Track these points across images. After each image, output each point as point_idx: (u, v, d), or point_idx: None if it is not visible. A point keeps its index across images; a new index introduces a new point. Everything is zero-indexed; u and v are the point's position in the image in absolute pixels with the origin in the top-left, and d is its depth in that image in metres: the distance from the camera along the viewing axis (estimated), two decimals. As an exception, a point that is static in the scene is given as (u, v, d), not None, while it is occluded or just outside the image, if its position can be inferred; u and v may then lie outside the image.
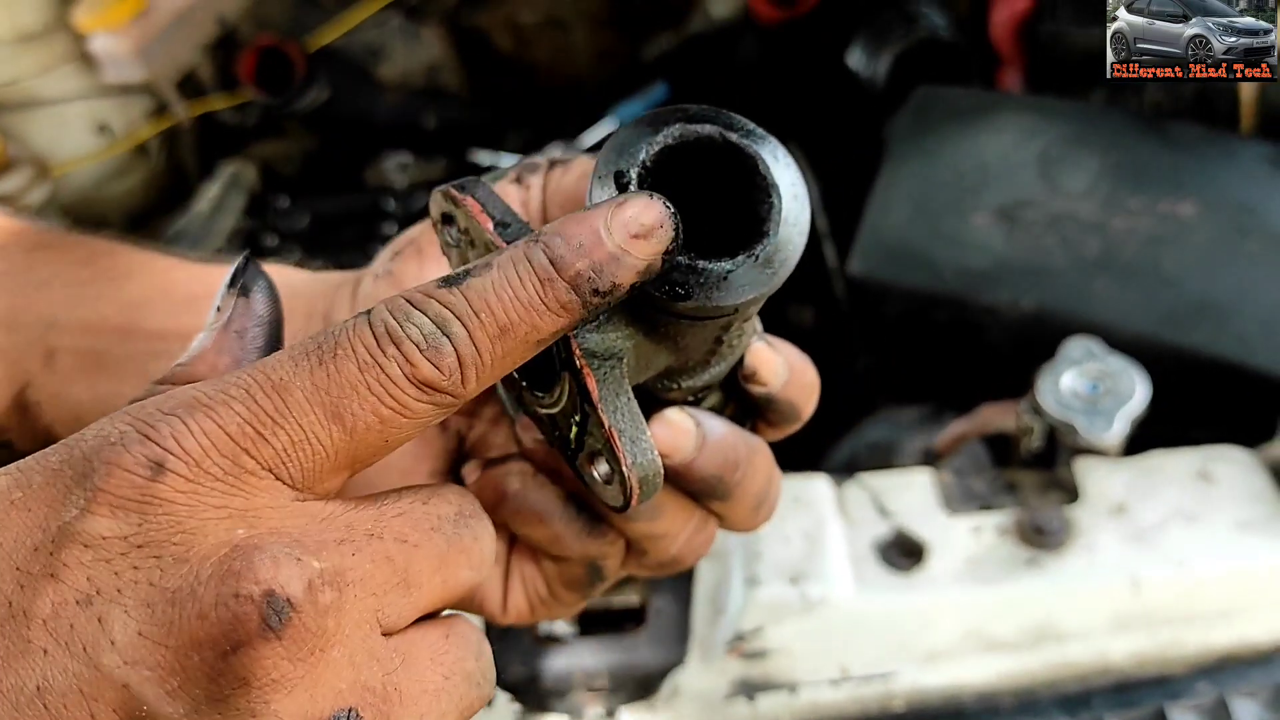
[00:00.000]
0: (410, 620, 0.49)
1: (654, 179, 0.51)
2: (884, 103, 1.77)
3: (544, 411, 0.58)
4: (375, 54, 2.23)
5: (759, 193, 0.52)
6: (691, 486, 0.63)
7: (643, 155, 0.51)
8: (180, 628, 0.42)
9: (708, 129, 0.52)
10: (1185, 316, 1.31)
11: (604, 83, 2.16)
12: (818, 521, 1.15)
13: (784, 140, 0.55)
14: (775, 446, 0.75)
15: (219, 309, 0.55)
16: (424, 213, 0.63)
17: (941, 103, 1.58)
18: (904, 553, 1.13)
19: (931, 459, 1.32)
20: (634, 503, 0.54)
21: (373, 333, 0.46)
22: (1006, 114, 1.53)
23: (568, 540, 0.64)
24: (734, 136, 0.52)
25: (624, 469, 0.53)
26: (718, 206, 0.54)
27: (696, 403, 0.62)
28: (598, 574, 0.67)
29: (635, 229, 0.48)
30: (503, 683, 1.05)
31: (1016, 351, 1.42)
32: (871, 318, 1.50)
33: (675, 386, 0.60)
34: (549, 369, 0.56)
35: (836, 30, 2.00)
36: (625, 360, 0.54)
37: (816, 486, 1.19)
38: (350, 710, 0.45)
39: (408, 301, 0.47)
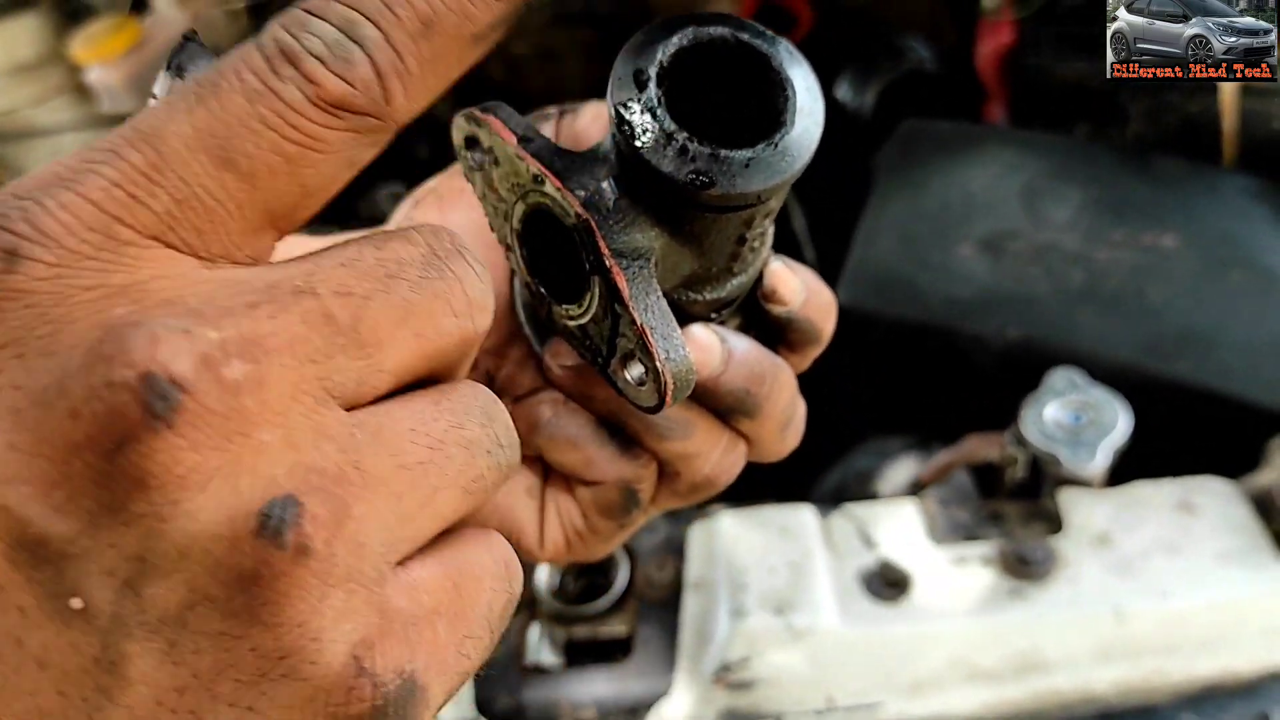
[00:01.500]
0: (383, 387, 0.41)
1: (671, 78, 0.53)
2: (871, 134, 1.78)
3: (574, 324, 0.59)
4: (370, 85, 2.24)
5: (773, 88, 0.53)
6: (720, 403, 0.62)
7: (660, 55, 0.52)
8: (53, 431, 0.35)
9: (720, 30, 0.53)
10: (1169, 346, 1.33)
11: (596, 113, 2.18)
12: (803, 552, 1.15)
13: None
14: (764, 475, 0.76)
15: (154, 95, 0.46)
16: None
17: (927, 135, 1.60)
18: (889, 583, 1.13)
19: (918, 489, 1.32)
20: (669, 400, 0.54)
21: (262, 55, 0.39)
22: (991, 146, 1.55)
23: (601, 463, 0.64)
24: (745, 36, 0.54)
25: (658, 363, 0.53)
26: (734, 103, 0.56)
27: (721, 323, 0.63)
28: (633, 498, 0.66)
29: None
30: (489, 714, 1.06)
31: (1003, 380, 1.43)
32: (859, 347, 1.51)
33: (699, 298, 0.60)
34: (578, 278, 0.57)
35: (824, 62, 2.03)
36: (652, 260, 0.55)
37: (802, 517, 1.19)
38: (287, 496, 0.37)
39: (305, 10, 0.40)
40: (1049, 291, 1.39)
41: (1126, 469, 1.19)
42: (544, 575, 1.17)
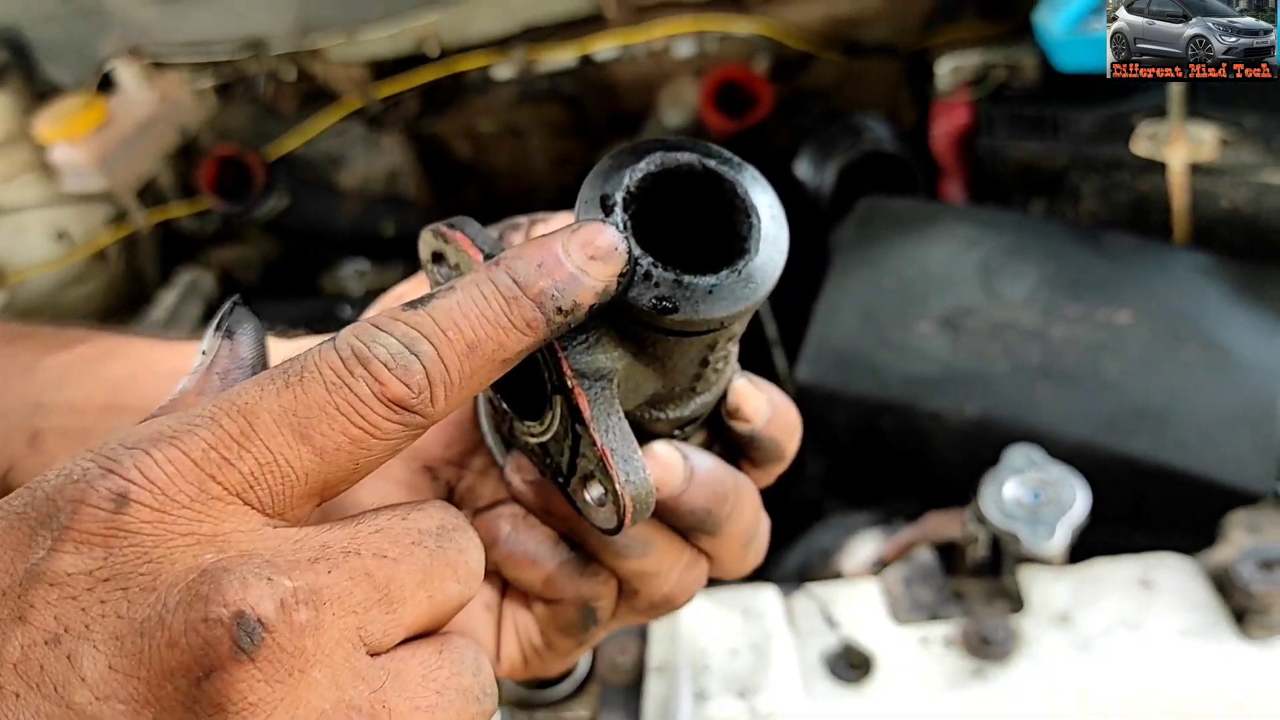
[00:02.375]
0: (398, 638, 0.48)
1: (637, 203, 0.53)
2: (831, 212, 1.81)
3: (535, 441, 0.59)
4: (336, 161, 2.27)
5: (739, 214, 0.54)
6: (681, 521, 0.63)
7: (626, 180, 0.53)
8: (151, 658, 0.42)
9: (687, 156, 0.54)
10: (1125, 422, 1.34)
11: (562, 189, 2.21)
12: (766, 633, 1.15)
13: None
14: None
15: (204, 352, 0.56)
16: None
17: (885, 212, 1.62)
18: (852, 664, 1.12)
19: (880, 567, 1.32)
20: (628, 521, 0.55)
21: (339, 355, 0.47)
22: (948, 224, 1.57)
23: (560, 581, 0.64)
24: (712, 163, 0.54)
25: (617, 485, 0.54)
26: (700, 229, 0.56)
27: (684, 440, 0.63)
28: (591, 616, 0.66)
29: (592, 251, 0.50)
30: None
31: (963, 457, 1.44)
32: (820, 424, 1.51)
33: (662, 417, 0.60)
34: (539, 396, 0.57)
35: (785, 141, 2.06)
36: (615, 381, 0.55)
37: (765, 597, 1.19)
38: None
39: (374, 325, 0.48)
40: (1007, 369, 1.40)
41: (1086, 544, 1.20)
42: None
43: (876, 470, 1.53)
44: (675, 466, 0.61)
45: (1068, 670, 1.09)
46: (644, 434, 0.60)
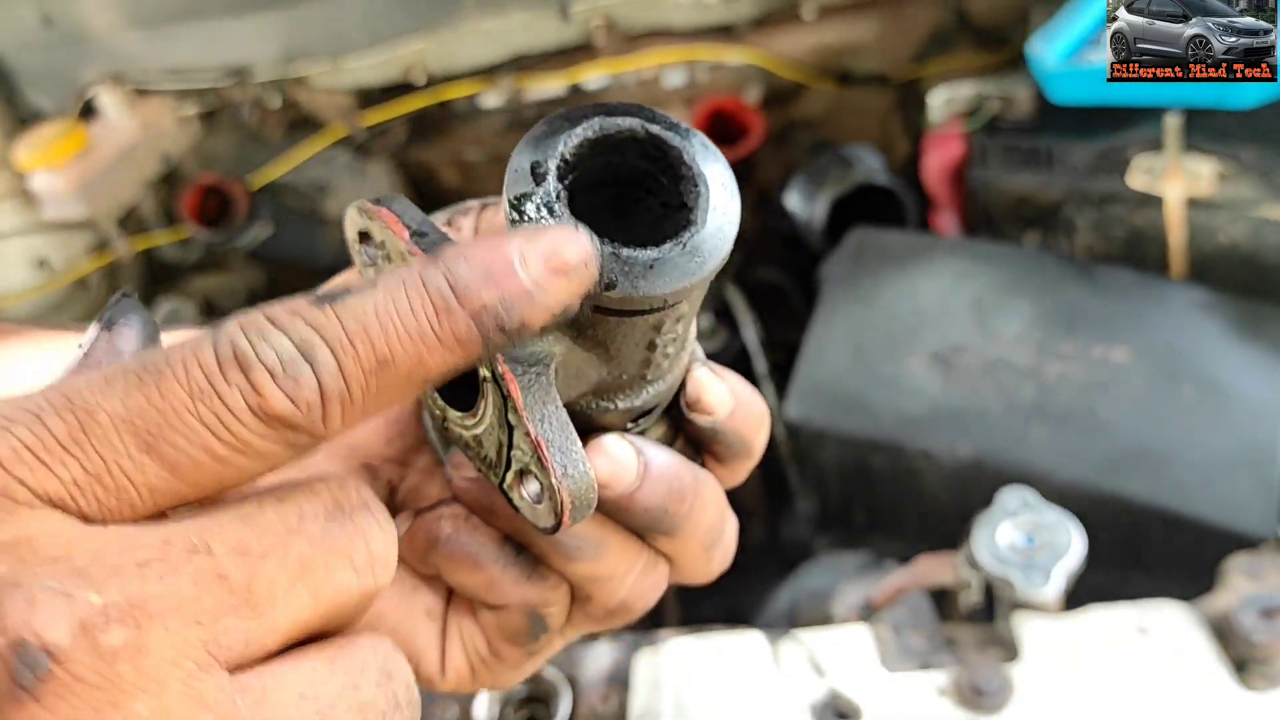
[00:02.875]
0: (270, 647, 0.40)
1: (574, 172, 0.49)
2: (822, 244, 1.79)
3: (469, 434, 0.55)
4: (322, 189, 2.24)
5: (685, 183, 0.50)
6: (636, 521, 0.58)
7: (561, 148, 0.49)
8: None
9: (629, 121, 0.50)
10: (1121, 464, 1.31)
11: (550, 218, 2.18)
12: (752, 682, 1.11)
13: (725, 279, 0.53)
14: (720, 592, 0.71)
15: (80, 345, 0.47)
16: None
17: (876, 245, 1.60)
18: (840, 714, 1.09)
19: (870, 611, 1.29)
20: (566, 520, 0.50)
21: (215, 353, 0.39)
22: (940, 257, 1.55)
23: (505, 586, 0.59)
24: (656, 128, 0.50)
25: (553, 480, 0.49)
26: (643, 200, 0.52)
27: (641, 433, 0.59)
28: (540, 624, 0.61)
29: (556, 263, 0.42)
30: None
31: (955, 497, 1.41)
32: (810, 462, 1.48)
33: (612, 407, 0.56)
34: (471, 384, 0.53)
35: (777, 172, 2.04)
36: (552, 367, 0.51)
37: (751, 643, 1.15)
38: None
39: (267, 318, 0.40)
40: (1000, 407, 1.37)
41: (1082, 587, 1.17)
42: (483, 707, 1.12)
43: (867, 509, 1.50)
44: (627, 461, 0.55)
45: (1063, 723, 1.05)
46: (593, 427, 0.56)
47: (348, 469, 0.63)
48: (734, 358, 1.73)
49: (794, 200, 1.86)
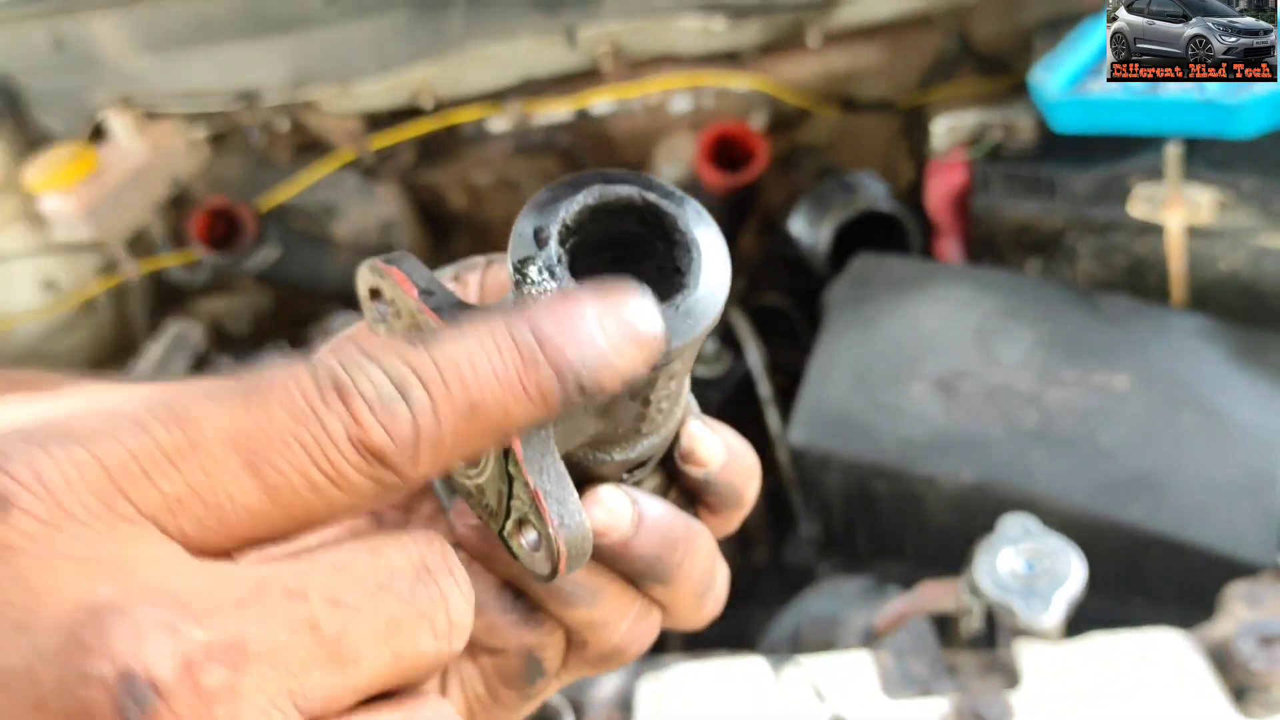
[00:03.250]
0: (347, 703, 0.39)
1: (574, 236, 0.51)
2: (827, 269, 1.80)
3: (471, 483, 0.56)
4: (330, 212, 2.26)
5: (679, 249, 0.52)
6: (630, 568, 0.59)
7: (563, 213, 0.50)
8: (13, 718, 0.33)
9: (627, 189, 0.52)
10: (1122, 490, 1.31)
11: (556, 241, 2.20)
12: (755, 707, 1.12)
13: (730, 303, 0.55)
14: (724, 616, 0.72)
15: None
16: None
17: (879, 271, 1.61)
18: (842, 741, 1.09)
19: (872, 637, 1.29)
20: (562, 568, 0.51)
21: (315, 380, 0.38)
22: (943, 284, 1.56)
23: (503, 630, 0.60)
24: (652, 196, 0.52)
25: (550, 530, 0.51)
26: (639, 264, 0.54)
27: (636, 484, 0.61)
28: (537, 668, 0.62)
29: (632, 334, 0.43)
30: None
31: (958, 522, 1.42)
32: (813, 486, 1.49)
33: (608, 459, 0.57)
34: None
35: (781, 197, 2.05)
36: (551, 422, 0.52)
37: (754, 668, 1.16)
38: None
39: (363, 351, 0.40)
40: (1002, 433, 1.38)
41: (1082, 613, 1.17)
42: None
43: (870, 534, 1.50)
44: (622, 511, 0.56)
45: (1065, 752, 1.06)
46: (590, 477, 0.58)
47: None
48: (738, 382, 1.74)
49: (798, 226, 1.88)
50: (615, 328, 0.42)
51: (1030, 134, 1.60)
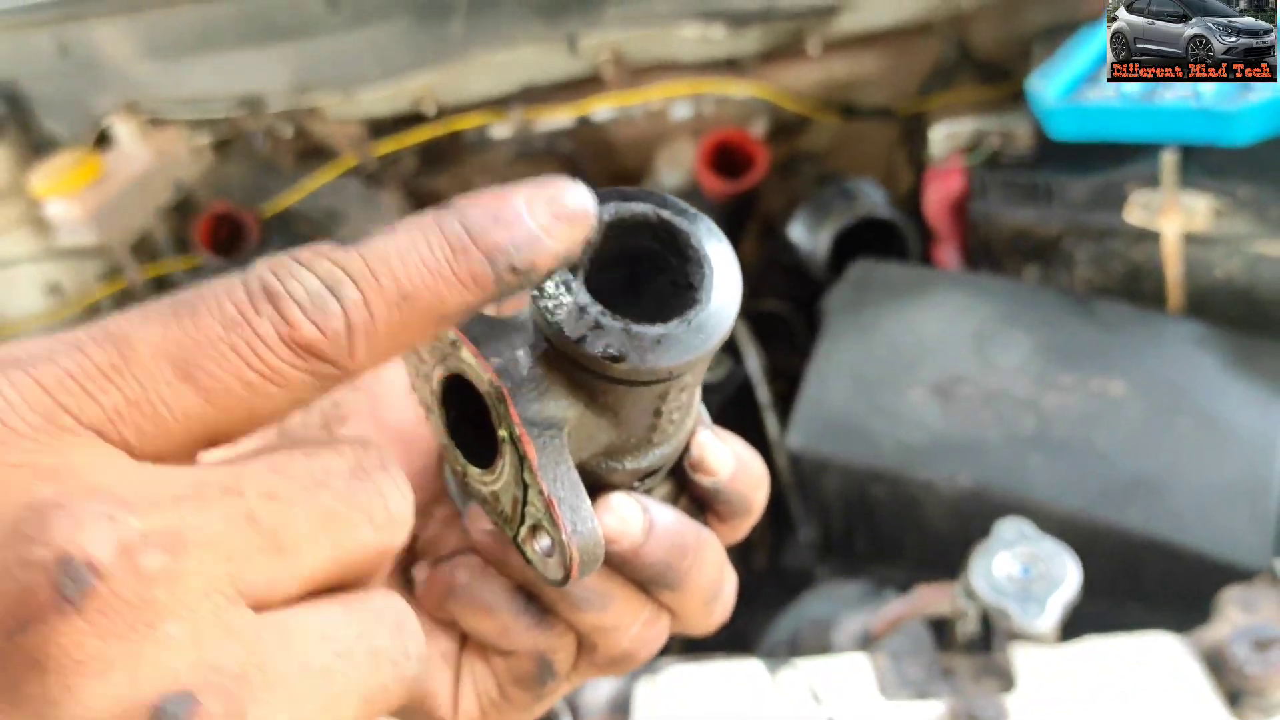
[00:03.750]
0: (293, 591, 0.42)
1: (590, 252, 0.52)
2: (826, 275, 1.81)
3: (487, 490, 0.58)
4: (333, 217, 2.27)
5: (692, 265, 0.53)
6: (640, 574, 0.60)
7: None
8: None
9: (643, 206, 0.53)
10: (1118, 494, 1.32)
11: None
12: (753, 709, 1.13)
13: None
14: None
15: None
16: None
17: (877, 277, 1.62)
18: (838, 743, 1.10)
19: (869, 640, 1.30)
20: (574, 574, 0.53)
21: (245, 288, 0.40)
22: (941, 290, 1.57)
23: (516, 632, 0.62)
24: (667, 214, 0.53)
25: (563, 536, 0.52)
26: (654, 279, 0.56)
27: (647, 492, 0.62)
28: (549, 670, 0.64)
29: (558, 209, 0.45)
30: None
31: (955, 526, 1.42)
32: (812, 490, 1.50)
33: (619, 468, 0.59)
34: (491, 445, 0.56)
35: (781, 204, 2.06)
36: (565, 430, 0.54)
37: (751, 671, 1.17)
38: (184, 693, 0.37)
39: (294, 259, 0.42)
40: (999, 438, 1.39)
41: (1078, 616, 1.18)
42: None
43: (868, 538, 1.51)
44: (633, 519, 0.58)
45: (1059, 755, 1.06)
46: (602, 485, 0.59)
47: None
48: (737, 387, 1.75)
49: (798, 232, 1.89)
50: (543, 208, 0.44)
51: (1028, 141, 1.61)
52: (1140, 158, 1.51)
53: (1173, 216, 1.48)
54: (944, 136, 1.70)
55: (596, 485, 0.57)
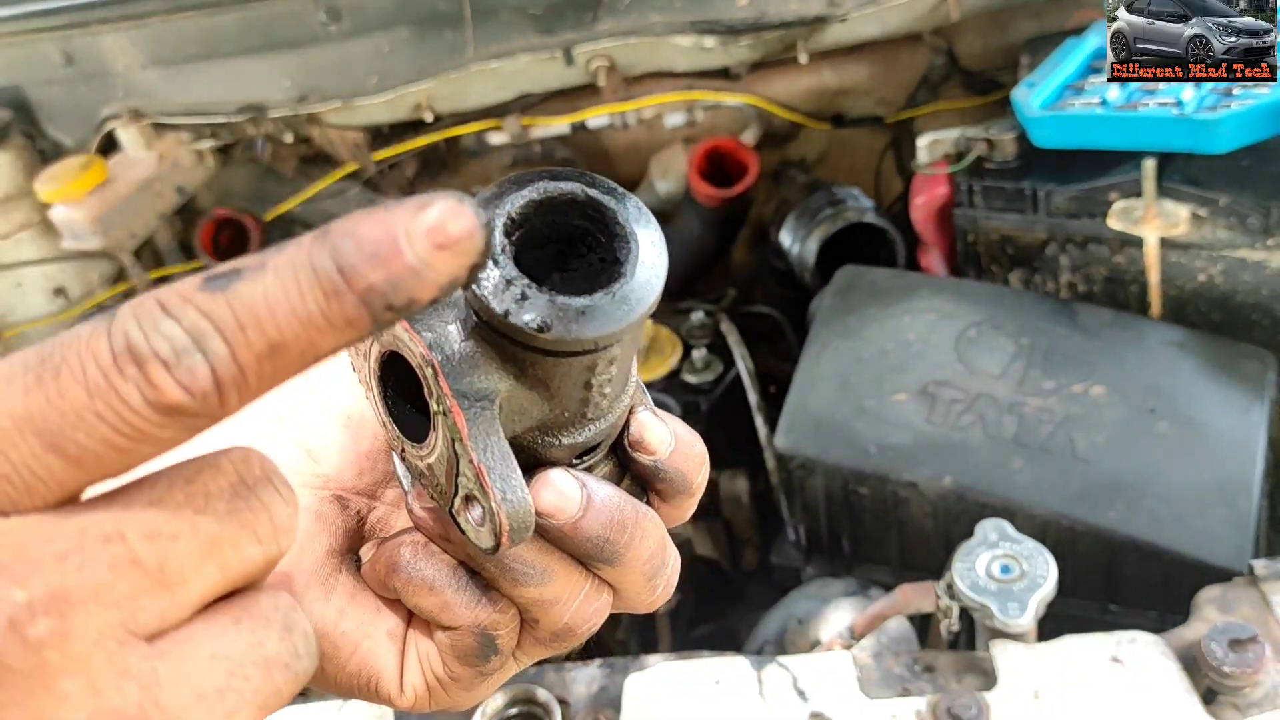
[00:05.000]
0: (185, 617, 0.43)
1: (520, 229, 0.54)
2: (815, 280, 1.83)
3: (423, 464, 0.60)
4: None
5: (619, 240, 0.55)
6: (579, 549, 0.62)
7: (509, 207, 0.54)
8: None
9: (570, 185, 0.55)
10: (1098, 496, 1.35)
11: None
12: (737, 705, 1.15)
13: (722, 309, 0.58)
14: (715, 617, 0.75)
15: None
16: None
17: (864, 282, 1.65)
18: (821, 738, 1.13)
19: (853, 638, 1.33)
20: (505, 541, 0.55)
21: (110, 346, 0.39)
22: (926, 295, 1.59)
23: (457, 608, 0.63)
24: (594, 192, 0.55)
25: (493, 504, 0.54)
26: (583, 256, 0.58)
27: (588, 470, 0.64)
28: (491, 645, 0.65)
29: (440, 238, 0.40)
30: None
31: (938, 527, 1.45)
32: (799, 491, 1.53)
33: (556, 443, 0.61)
34: (426, 420, 0.58)
35: (773, 210, 2.09)
36: (496, 403, 0.56)
37: (737, 668, 1.19)
38: None
39: (160, 305, 0.39)
40: (982, 440, 1.41)
41: (1058, 616, 1.20)
42: (477, 726, 1.16)
43: (853, 537, 1.54)
44: (570, 493, 0.60)
45: (1036, 749, 1.09)
46: (541, 461, 0.61)
47: (320, 500, 0.68)
48: (727, 389, 1.78)
49: (787, 237, 1.91)
50: (423, 239, 0.40)
51: (1012, 149, 1.64)
52: (1122, 165, 1.54)
53: (1153, 223, 1.50)
54: (930, 144, 1.73)
55: (535, 462, 0.59)
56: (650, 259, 0.55)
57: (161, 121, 2.11)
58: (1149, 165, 1.48)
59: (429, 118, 2.09)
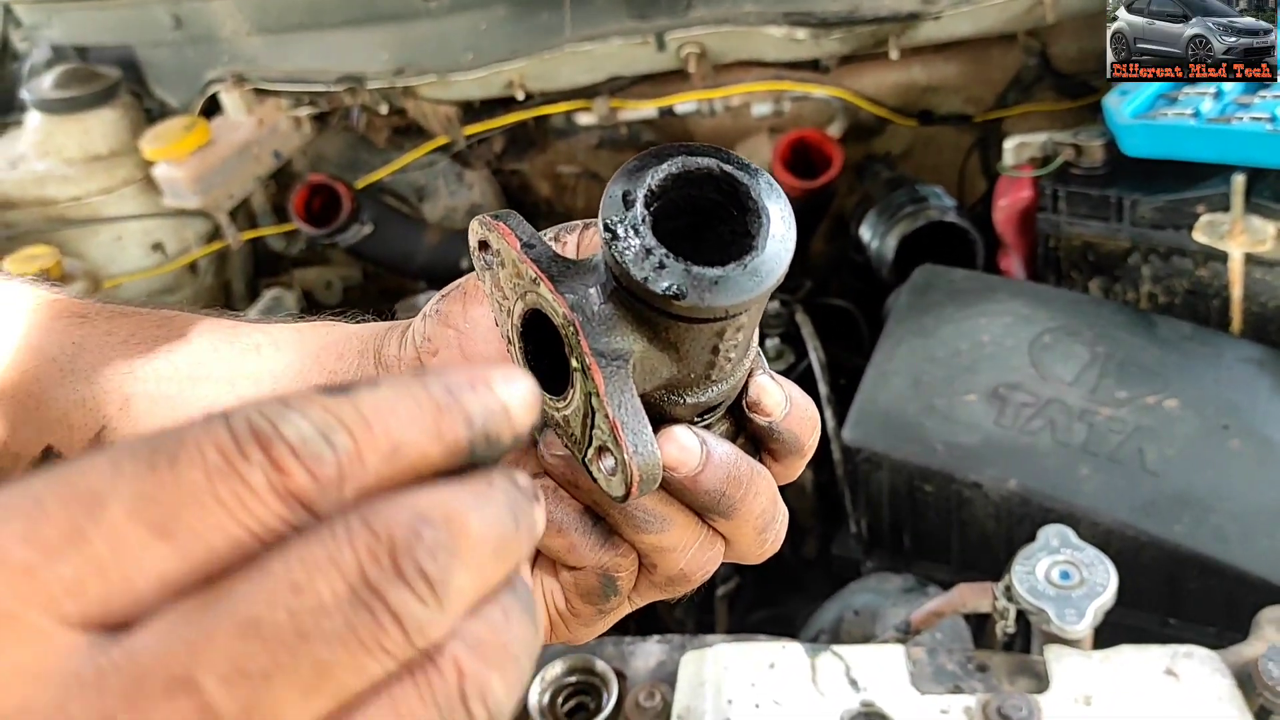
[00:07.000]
0: None
1: (658, 201, 0.58)
2: (892, 277, 1.84)
3: (559, 415, 0.64)
4: (421, 193, 2.36)
5: (750, 215, 0.58)
6: (697, 501, 0.66)
7: (649, 180, 0.57)
8: None
9: (707, 160, 0.58)
10: (1164, 509, 1.35)
11: (634, 232, 2.27)
12: (790, 689, 1.17)
13: (795, 304, 0.61)
14: (773, 603, 0.77)
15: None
16: None
17: (941, 281, 1.65)
18: (871, 727, 1.15)
19: (908, 632, 1.34)
20: (634, 491, 0.59)
21: (229, 431, 0.36)
22: (1003, 297, 1.60)
23: (583, 550, 0.67)
24: (729, 167, 0.58)
25: (626, 455, 0.58)
26: (715, 228, 0.61)
27: (707, 428, 0.67)
28: (612, 585, 0.70)
29: (519, 396, 0.42)
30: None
31: (1000, 529, 1.46)
32: (863, 485, 1.55)
33: (681, 401, 0.64)
34: (564, 374, 0.62)
35: (854, 204, 2.10)
36: (631, 362, 0.59)
37: (791, 653, 1.22)
38: None
39: (283, 401, 0.37)
40: (1050, 445, 1.42)
41: (1117, 627, 1.21)
42: (535, 695, 1.20)
43: (915, 534, 1.55)
44: (692, 448, 0.63)
45: (1085, 754, 1.10)
46: (665, 417, 0.64)
47: None
48: (798, 379, 1.80)
49: (867, 232, 1.92)
50: (507, 387, 0.42)
51: (1099, 155, 1.63)
52: (1211, 178, 1.52)
53: (1239, 238, 1.49)
54: (1017, 147, 1.72)
55: (660, 418, 0.63)
56: (780, 233, 0.58)
57: (263, 87, 2.18)
58: (1239, 180, 1.46)
59: (520, 95, 2.13)
